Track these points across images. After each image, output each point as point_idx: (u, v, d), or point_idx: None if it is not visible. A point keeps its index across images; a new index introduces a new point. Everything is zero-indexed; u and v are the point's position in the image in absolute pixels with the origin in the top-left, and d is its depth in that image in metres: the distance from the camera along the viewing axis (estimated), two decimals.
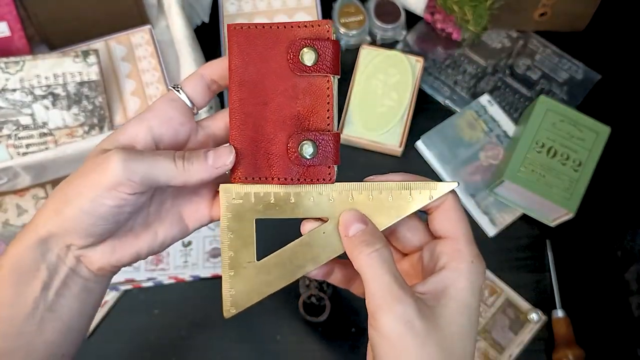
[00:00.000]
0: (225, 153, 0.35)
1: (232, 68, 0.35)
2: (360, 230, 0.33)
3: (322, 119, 0.35)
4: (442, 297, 0.32)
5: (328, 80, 0.35)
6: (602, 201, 0.68)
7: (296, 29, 0.35)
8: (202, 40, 0.71)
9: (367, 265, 0.32)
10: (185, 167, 0.33)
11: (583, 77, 0.74)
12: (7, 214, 0.68)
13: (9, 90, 0.64)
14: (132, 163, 0.32)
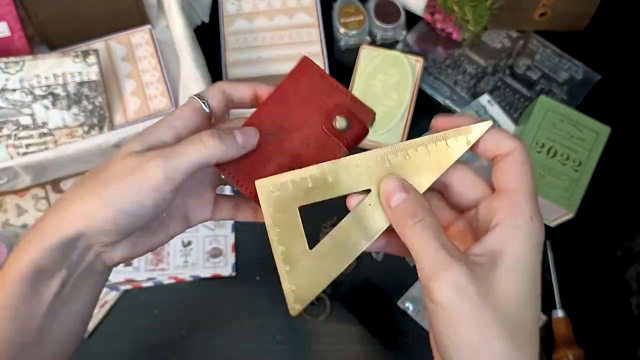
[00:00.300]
0: (252, 133, 0.37)
1: (281, 87, 0.38)
2: (402, 200, 0.32)
3: None
4: (499, 259, 0.30)
5: (340, 150, 0.37)
6: (602, 201, 0.68)
7: (347, 98, 0.38)
8: (202, 40, 0.71)
9: (412, 236, 0.31)
10: (217, 144, 0.35)
11: (583, 77, 0.74)
12: (7, 214, 0.68)
13: (9, 90, 0.64)
14: (170, 161, 0.33)
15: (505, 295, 0.29)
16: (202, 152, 0.34)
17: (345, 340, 0.65)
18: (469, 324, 0.29)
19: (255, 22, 0.74)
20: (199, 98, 0.38)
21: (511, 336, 0.29)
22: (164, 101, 0.68)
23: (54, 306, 0.34)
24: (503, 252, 0.30)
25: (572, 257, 0.67)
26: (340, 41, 0.76)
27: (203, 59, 0.68)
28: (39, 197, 0.69)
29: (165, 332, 0.65)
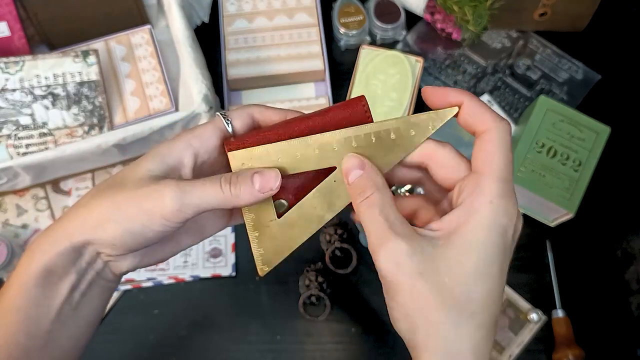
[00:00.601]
0: (272, 178, 0.35)
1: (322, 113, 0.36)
2: (357, 176, 0.34)
3: None
4: (452, 236, 0.31)
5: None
6: (602, 201, 0.68)
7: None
8: (202, 40, 0.71)
9: (362, 211, 0.33)
10: (233, 192, 0.34)
11: (583, 77, 0.74)
12: (7, 214, 0.68)
13: (8, 90, 0.64)
14: (185, 197, 0.33)
15: (448, 271, 0.30)
16: (217, 198, 0.34)
17: (345, 340, 0.65)
18: (406, 295, 0.31)
19: (255, 22, 0.74)
20: (223, 117, 0.37)
21: (451, 308, 0.30)
22: (163, 101, 0.68)
23: (62, 311, 0.35)
24: (457, 232, 0.31)
25: (572, 257, 0.67)
26: (340, 41, 0.76)
27: (203, 59, 0.68)
28: (39, 197, 0.69)
29: (165, 332, 0.65)
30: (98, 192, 0.35)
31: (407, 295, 0.31)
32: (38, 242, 0.35)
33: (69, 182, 0.69)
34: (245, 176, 0.35)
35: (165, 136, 0.65)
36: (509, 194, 0.31)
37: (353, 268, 0.66)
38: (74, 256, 0.34)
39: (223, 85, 0.72)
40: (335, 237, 0.66)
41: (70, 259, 0.34)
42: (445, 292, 0.30)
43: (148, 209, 0.33)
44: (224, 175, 0.35)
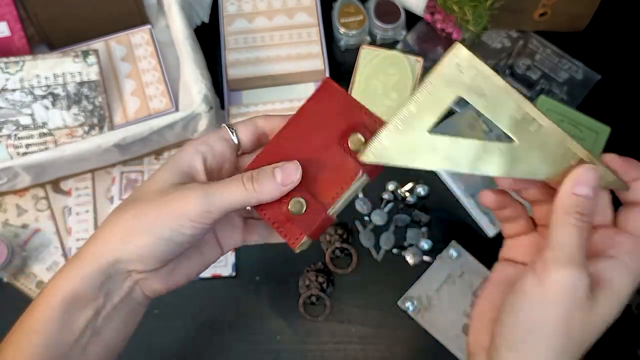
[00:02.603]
0: (293, 170, 0.36)
1: (303, 109, 0.38)
2: (585, 194, 0.33)
3: (327, 195, 0.36)
4: (604, 285, 0.33)
5: (357, 172, 0.36)
6: None
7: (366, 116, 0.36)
8: (202, 40, 0.71)
9: (570, 224, 0.32)
10: (256, 188, 0.35)
11: (583, 77, 0.74)
12: (7, 214, 0.68)
13: (8, 90, 0.64)
14: (211, 197, 0.34)
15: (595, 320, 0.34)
16: (241, 195, 0.35)
17: (345, 340, 0.65)
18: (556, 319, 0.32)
19: (255, 22, 0.74)
20: (229, 128, 0.39)
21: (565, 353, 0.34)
22: (163, 101, 0.68)
23: (83, 336, 0.34)
24: (609, 284, 0.33)
25: None
26: (340, 41, 0.76)
27: (203, 59, 0.68)
28: (39, 197, 0.69)
29: (165, 332, 0.65)
30: (120, 210, 0.35)
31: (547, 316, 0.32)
32: (67, 265, 0.35)
33: (69, 182, 0.69)
34: (266, 171, 0.35)
35: (165, 136, 0.65)
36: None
37: (353, 268, 0.66)
38: (102, 280, 0.34)
39: (223, 85, 0.72)
40: (336, 237, 0.66)
41: (98, 283, 0.34)
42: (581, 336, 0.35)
43: (177, 213, 0.34)
44: (245, 174, 0.36)
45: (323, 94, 0.38)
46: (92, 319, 0.34)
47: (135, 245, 0.34)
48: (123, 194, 0.69)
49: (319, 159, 0.37)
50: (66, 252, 0.67)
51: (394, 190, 0.70)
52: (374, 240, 0.68)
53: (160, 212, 0.34)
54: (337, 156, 0.36)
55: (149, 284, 0.36)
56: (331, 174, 0.36)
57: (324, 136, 0.37)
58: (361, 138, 0.36)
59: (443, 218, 0.69)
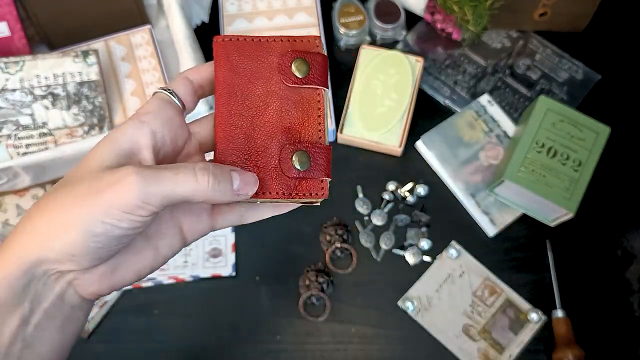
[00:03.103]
0: (251, 181, 0.33)
1: (220, 80, 0.35)
2: None
3: (313, 131, 0.35)
4: None
5: (319, 93, 0.35)
6: (602, 201, 0.68)
7: (286, 43, 0.36)
8: (202, 40, 0.71)
9: None
10: (211, 185, 0.30)
11: (583, 77, 0.74)
12: (7, 214, 0.68)
13: (8, 90, 0.64)
14: (150, 184, 0.29)
15: None
16: (190, 188, 0.30)
17: (345, 340, 0.65)
18: None
19: (255, 22, 0.74)
20: (164, 91, 0.34)
21: None
22: None
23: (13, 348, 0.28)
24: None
25: (572, 257, 0.67)
26: (340, 41, 0.76)
27: (203, 59, 0.68)
28: (39, 197, 0.69)
29: (165, 332, 0.65)
30: (46, 198, 0.30)
31: None
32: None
33: None
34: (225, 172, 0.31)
35: None
36: None
37: (353, 268, 0.66)
38: (25, 281, 0.28)
39: None
40: (336, 237, 0.66)
41: (20, 285, 0.28)
42: None
43: (108, 205, 0.28)
44: (200, 165, 0.31)
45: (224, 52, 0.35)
46: (19, 328, 0.29)
47: (63, 242, 0.28)
48: None
49: (277, 107, 0.35)
50: None
51: (394, 190, 0.70)
52: (374, 240, 0.68)
53: (89, 202, 0.28)
54: (291, 93, 0.35)
55: (84, 284, 0.30)
56: (299, 112, 0.35)
57: (265, 86, 0.35)
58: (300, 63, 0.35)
59: (443, 218, 0.69)
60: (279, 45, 0.36)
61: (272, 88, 0.35)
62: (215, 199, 0.31)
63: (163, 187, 0.29)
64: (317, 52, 0.36)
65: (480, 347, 0.63)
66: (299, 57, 0.35)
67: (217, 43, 0.36)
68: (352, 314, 0.65)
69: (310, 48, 0.36)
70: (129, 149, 0.31)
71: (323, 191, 0.34)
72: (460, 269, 0.66)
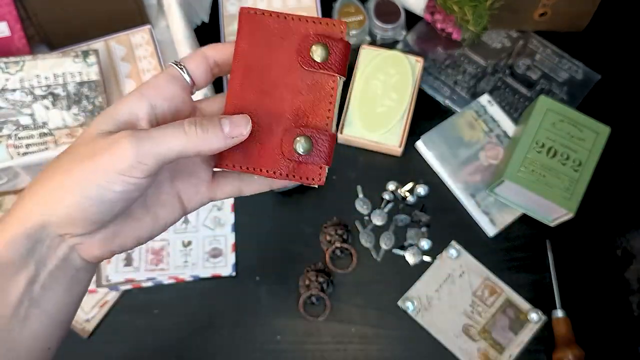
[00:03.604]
0: (242, 122, 0.33)
1: (239, 51, 0.35)
2: None
3: (321, 117, 0.35)
4: None
5: (334, 80, 0.35)
6: (602, 201, 0.68)
7: (310, 24, 0.35)
8: (202, 40, 0.71)
9: None
10: (199, 134, 0.31)
11: (583, 77, 0.74)
12: None
13: (9, 90, 0.64)
14: (143, 144, 0.30)
15: None
16: (180, 141, 0.30)
17: (345, 340, 0.65)
18: None
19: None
20: (177, 65, 0.34)
21: None
22: None
23: (21, 307, 0.30)
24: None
25: (572, 257, 0.67)
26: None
27: None
28: None
29: (165, 332, 0.65)
30: (50, 167, 0.31)
31: None
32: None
33: None
34: (213, 120, 0.32)
35: None
36: None
37: (353, 268, 0.66)
38: (29, 244, 0.30)
39: (223, 85, 0.72)
40: (336, 237, 0.66)
41: (25, 247, 0.30)
42: None
43: (102, 167, 0.29)
44: (188, 119, 0.31)
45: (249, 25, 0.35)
46: (27, 288, 0.30)
47: (63, 205, 0.30)
48: None
49: (290, 87, 0.35)
50: None
51: (394, 190, 0.70)
52: (374, 240, 0.68)
53: (85, 166, 0.30)
54: (306, 75, 0.35)
55: (86, 248, 0.32)
56: (310, 96, 0.34)
57: (282, 64, 0.35)
58: (319, 47, 0.34)
59: (443, 218, 0.69)
60: (303, 25, 0.35)
61: (288, 68, 0.35)
62: (208, 148, 0.31)
63: (155, 144, 0.30)
64: (340, 38, 0.35)
65: (480, 347, 0.63)
66: (319, 41, 0.34)
67: (243, 14, 0.35)
68: (352, 314, 0.65)
69: (334, 33, 0.35)
70: (127, 119, 0.32)
71: (320, 177, 0.35)
72: (460, 269, 0.66)
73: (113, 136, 0.30)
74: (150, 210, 0.35)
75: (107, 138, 0.30)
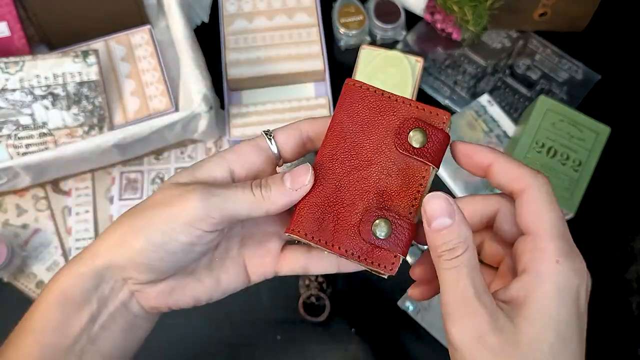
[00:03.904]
0: (302, 172, 0.32)
1: (336, 121, 0.34)
2: (444, 227, 0.29)
3: (406, 205, 0.33)
4: (523, 308, 0.28)
5: (427, 169, 0.33)
6: (602, 201, 0.68)
7: (414, 108, 0.34)
8: (202, 40, 0.71)
9: (446, 270, 0.28)
10: (264, 194, 0.31)
11: (583, 77, 0.74)
12: (7, 214, 0.68)
13: (8, 90, 0.64)
14: (212, 198, 0.30)
15: (529, 349, 0.27)
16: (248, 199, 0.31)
17: (345, 340, 0.65)
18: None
19: (255, 22, 0.74)
20: (266, 135, 0.34)
21: None
22: (163, 101, 0.68)
23: (79, 342, 0.32)
24: (528, 302, 0.28)
25: None
26: (340, 41, 0.76)
27: (203, 59, 0.68)
28: (39, 197, 0.69)
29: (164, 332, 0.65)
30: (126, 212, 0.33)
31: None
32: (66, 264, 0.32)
33: (69, 182, 0.69)
34: (275, 177, 0.32)
35: (165, 136, 0.65)
36: (572, 250, 0.29)
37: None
38: (95, 281, 0.31)
39: (223, 85, 0.72)
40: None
41: (92, 284, 0.31)
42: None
43: (170, 214, 0.30)
44: (255, 181, 0.32)
45: (351, 97, 0.34)
46: (87, 325, 0.32)
47: (129, 248, 0.31)
48: (123, 194, 0.69)
49: (380, 168, 0.33)
50: (66, 252, 0.67)
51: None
52: None
53: (154, 212, 0.31)
54: (399, 159, 0.33)
55: (145, 297, 0.33)
56: (399, 180, 0.33)
57: (376, 143, 0.33)
58: (418, 132, 0.33)
59: None
60: (406, 108, 0.34)
61: (382, 148, 0.33)
62: (274, 206, 0.32)
63: (223, 200, 0.30)
64: (442, 128, 0.34)
65: None
66: (419, 126, 0.33)
67: (347, 86, 0.35)
68: (352, 314, 0.65)
69: (436, 122, 0.34)
70: (204, 178, 0.32)
71: (393, 267, 0.33)
72: None
73: (186, 187, 0.31)
74: (214, 274, 0.35)
75: (180, 188, 0.31)
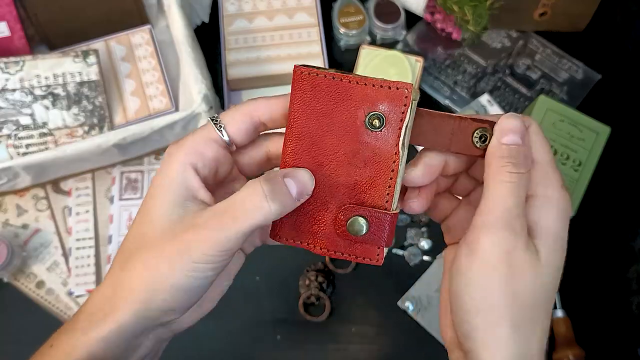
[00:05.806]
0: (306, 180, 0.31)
1: (292, 118, 0.32)
2: (515, 143, 0.30)
3: (380, 195, 0.31)
4: (536, 230, 0.30)
5: (396, 152, 0.31)
6: (602, 201, 0.68)
7: (369, 88, 0.32)
8: (202, 40, 0.71)
9: (502, 181, 0.29)
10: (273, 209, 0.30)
11: (583, 77, 0.74)
12: (7, 214, 0.68)
13: (9, 90, 0.64)
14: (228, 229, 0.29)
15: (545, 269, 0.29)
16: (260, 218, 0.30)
17: (345, 340, 0.65)
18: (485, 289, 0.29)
19: (255, 22, 0.74)
20: (214, 122, 0.32)
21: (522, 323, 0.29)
22: (163, 101, 0.68)
23: None
24: (541, 226, 0.30)
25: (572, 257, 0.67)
26: (340, 41, 0.76)
27: (203, 59, 0.68)
28: (39, 197, 0.69)
29: None
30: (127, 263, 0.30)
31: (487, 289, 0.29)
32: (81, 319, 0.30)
33: (69, 182, 0.69)
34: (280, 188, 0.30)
35: (165, 136, 0.65)
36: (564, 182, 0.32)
37: (353, 268, 0.66)
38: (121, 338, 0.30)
39: (223, 85, 0.72)
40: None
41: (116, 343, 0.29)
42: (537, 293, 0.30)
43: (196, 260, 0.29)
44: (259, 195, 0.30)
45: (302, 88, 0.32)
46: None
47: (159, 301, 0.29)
48: (123, 194, 0.69)
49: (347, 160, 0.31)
50: (66, 252, 0.67)
51: None
52: None
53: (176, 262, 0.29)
54: (363, 148, 0.31)
55: (180, 325, 0.34)
56: (368, 170, 0.31)
57: (335, 135, 0.31)
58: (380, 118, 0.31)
59: None
60: (361, 90, 0.32)
61: (344, 139, 0.31)
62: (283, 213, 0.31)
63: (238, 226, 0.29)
64: (405, 103, 0.31)
65: None
66: (376, 111, 0.31)
67: (296, 74, 0.32)
68: (352, 314, 0.65)
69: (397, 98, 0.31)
70: (185, 193, 0.31)
71: (378, 258, 0.32)
72: None
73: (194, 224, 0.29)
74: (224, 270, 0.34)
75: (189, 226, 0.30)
